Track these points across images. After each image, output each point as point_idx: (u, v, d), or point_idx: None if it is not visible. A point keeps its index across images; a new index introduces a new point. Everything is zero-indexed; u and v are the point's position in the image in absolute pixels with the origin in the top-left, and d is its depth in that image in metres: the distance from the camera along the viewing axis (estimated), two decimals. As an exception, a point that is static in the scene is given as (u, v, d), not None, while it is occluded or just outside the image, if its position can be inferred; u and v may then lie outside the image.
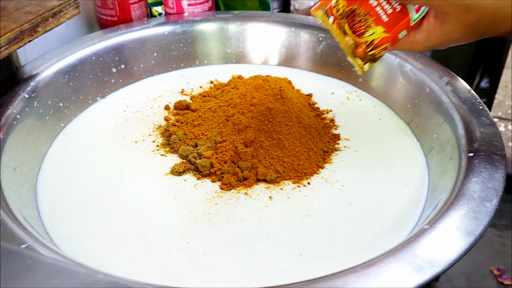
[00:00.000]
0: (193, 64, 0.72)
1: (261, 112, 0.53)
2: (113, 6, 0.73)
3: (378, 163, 0.53)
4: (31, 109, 0.54)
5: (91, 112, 0.62)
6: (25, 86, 0.55)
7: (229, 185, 0.50)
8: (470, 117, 0.50)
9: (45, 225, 0.45)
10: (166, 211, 0.47)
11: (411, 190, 0.50)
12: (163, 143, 0.56)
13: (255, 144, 0.52)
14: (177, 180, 0.51)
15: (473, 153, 0.45)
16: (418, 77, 0.59)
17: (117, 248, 0.43)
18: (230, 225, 0.45)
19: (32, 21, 0.50)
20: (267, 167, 0.51)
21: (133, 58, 0.68)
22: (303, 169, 0.52)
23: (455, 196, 0.40)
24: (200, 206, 0.47)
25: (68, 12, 0.55)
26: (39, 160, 0.53)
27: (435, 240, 0.36)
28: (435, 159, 0.52)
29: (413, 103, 0.59)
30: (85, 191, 0.49)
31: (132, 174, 0.51)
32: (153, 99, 0.64)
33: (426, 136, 0.55)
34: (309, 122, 0.56)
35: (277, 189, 0.50)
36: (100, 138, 0.57)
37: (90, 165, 0.53)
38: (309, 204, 0.48)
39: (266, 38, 0.72)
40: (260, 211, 0.47)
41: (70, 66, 0.61)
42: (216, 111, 0.57)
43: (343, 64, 0.68)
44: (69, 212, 0.47)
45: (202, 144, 0.54)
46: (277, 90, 0.56)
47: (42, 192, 0.49)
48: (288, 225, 0.45)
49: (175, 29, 0.70)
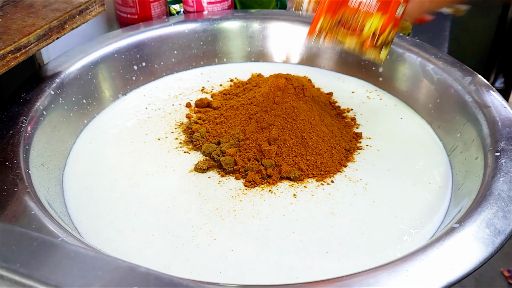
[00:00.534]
0: (213, 62, 0.72)
1: (284, 110, 0.53)
2: (133, 4, 0.73)
3: (401, 162, 0.53)
4: (57, 105, 0.54)
5: (114, 109, 0.62)
6: (51, 82, 0.55)
7: (253, 183, 0.50)
8: (495, 117, 0.50)
9: (73, 220, 0.46)
10: (192, 207, 0.47)
11: (435, 189, 0.50)
12: (185, 141, 0.56)
13: (278, 142, 0.52)
14: (201, 177, 0.51)
15: (499, 153, 0.45)
16: (441, 77, 0.59)
17: (144, 243, 0.43)
18: (255, 222, 0.46)
19: (60, 18, 0.50)
20: (290, 165, 0.51)
21: (154, 56, 0.68)
22: (326, 167, 0.52)
23: (483, 195, 0.40)
24: (225, 203, 0.48)
25: (94, 10, 0.55)
26: (65, 156, 0.53)
27: (465, 239, 0.36)
28: (459, 159, 0.52)
29: (435, 102, 0.59)
30: (110, 187, 0.50)
31: (156, 171, 0.52)
32: (174, 97, 0.65)
33: (448, 136, 0.56)
34: (331, 120, 0.56)
35: (301, 187, 0.50)
36: (123, 135, 0.57)
37: (115, 162, 0.53)
38: (333, 202, 0.48)
39: (287, 37, 0.72)
40: (285, 209, 0.47)
41: (93, 63, 0.61)
42: (239, 109, 0.57)
43: (363, 64, 0.68)
44: (96, 208, 0.47)
45: (225, 141, 0.54)
46: (300, 89, 0.56)
47: (68, 188, 0.50)
48: (313, 222, 0.46)
49: (195, 27, 0.71)
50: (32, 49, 0.47)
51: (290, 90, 0.55)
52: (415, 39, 0.66)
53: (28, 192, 0.40)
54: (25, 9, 0.51)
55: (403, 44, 0.65)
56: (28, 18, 0.49)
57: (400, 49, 0.64)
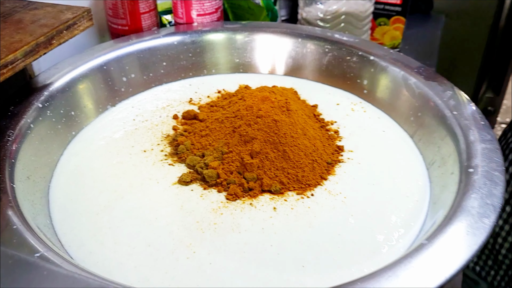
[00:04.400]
0: (201, 74, 0.74)
1: (267, 124, 0.54)
2: (124, 15, 0.74)
3: (381, 175, 0.54)
4: (45, 118, 0.56)
5: (102, 121, 0.63)
6: (39, 95, 0.56)
7: (234, 196, 0.51)
8: (472, 132, 0.51)
9: (57, 232, 0.47)
10: (173, 220, 0.48)
11: (412, 203, 0.51)
12: (171, 153, 0.58)
13: (260, 156, 0.53)
14: (184, 190, 0.52)
15: (473, 169, 0.46)
16: (422, 91, 0.60)
17: (125, 256, 0.44)
18: (235, 236, 0.47)
19: (48, 34, 0.51)
20: (272, 178, 0.52)
21: (143, 67, 0.69)
22: (307, 180, 0.53)
23: (454, 212, 0.41)
24: (206, 216, 0.49)
25: (82, 25, 0.56)
26: (51, 168, 0.55)
27: (432, 255, 0.37)
28: (437, 173, 0.53)
29: (416, 116, 0.60)
30: (95, 199, 0.51)
31: (140, 183, 0.53)
32: (161, 108, 0.66)
33: (428, 149, 0.57)
34: (313, 133, 0.58)
35: (281, 200, 0.51)
36: (110, 146, 0.59)
37: (100, 174, 0.54)
38: (312, 215, 0.49)
39: (273, 48, 0.73)
40: (264, 222, 0.48)
41: (82, 75, 0.62)
42: (223, 122, 0.58)
43: (348, 76, 0.69)
44: (80, 220, 0.48)
45: (209, 154, 0.55)
46: (283, 102, 0.57)
47: (54, 200, 0.51)
48: (292, 236, 0.47)
49: (184, 39, 0.72)
50: (19, 65, 0.48)
51: (274, 103, 0.57)
52: (399, 53, 0.67)
53: (11, 207, 0.42)
54: (14, 24, 0.53)
55: (387, 57, 0.66)
56: (16, 34, 0.51)
57: (384, 62, 0.65)
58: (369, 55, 0.67)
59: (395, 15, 0.95)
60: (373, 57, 0.67)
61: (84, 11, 0.56)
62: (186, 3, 0.74)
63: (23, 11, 0.55)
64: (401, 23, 0.96)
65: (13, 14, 0.55)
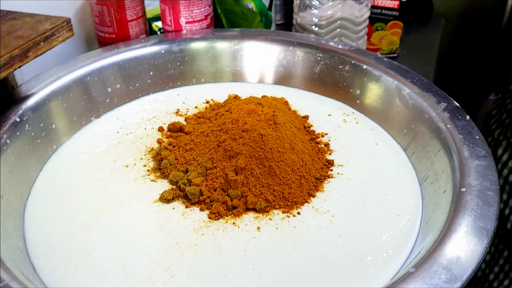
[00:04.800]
0: (190, 83, 0.72)
1: (252, 138, 0.52)
2: (110, 23, 0.73)
3: (371, 192, 0.52)
4: (22, 133, 0.54)
5: (85, 133, 0.62)
6: (17, 109, 0.54)
7: (217, 215, 0.49)
8: (466, 148, 0.48)
9: (30, 255, 0.45)
10: (152, 241, 0.46)
11: (403, 221, 0.48)
12: (154, 168, 0.56)
13: (245, 172, 0.51)
14: (166, 208, 0.50)
15: (465, 188, 0.44)
16: (416, 102, 0.57)
17: (100, 281, 0.42)
18: (216, 258, 0.45)
19: (23, 46, 0.49)
20: (257, 196, 0.50)
21: (129, 77, 0.67)
22: (293, 197, 0.51)
23: (443, 237, 0.39)
24: (186, 236, 0.47)
25: (61, 35, 0.54)
26: (29, 185, 0.53)
27: (418, 286, 0.35)
28: (429, 190, 0.50)
29: (410, 128, 0.58)
30: (72, 219, 0.49)
31: (120, 201, 0.51)
32: (147, 120, 0.64)
33: (421, 164, 0.54)
34: (302, 148, 0.55)
35: (266, 219, 0.49)
36: (91, 161, 0.57)
37: (80, 191, 0.52)
38: (298, 236, 0.47)
39: (264, 56, 0.71)
40: (247, 243, 0.46)
41: (64, 87, 0.60)
42: (209, 135, 0.56)
43: (341, 85, 0.67)
44: (55, 242, 0.46)
45: (193, 170, 0.53)
46: (270, 115, 0.55)
47: (29, 220, 0.49)
48: (275, 259, 0.45)
49: (171, 48, 0.70)
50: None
51: (260, 117, 0.54)
52: (393, 61, 0.64)
53: (-23, 231, 0.40)
54: (-12, 37, 0.51)
55: (381, 66, 0.63)
56: (-10, 47, 0.49)
57: (377, 71, 0.63)
58: (362, 64, 0.65)
59: (393, 19, 0.92)
60: (366, 66, 0.64)
61: (63, 21, 0.54)
62: (175, 10, 0.72)
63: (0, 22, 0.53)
64: (399, 28, 0.93)
65: (-11, 25, 0.53)
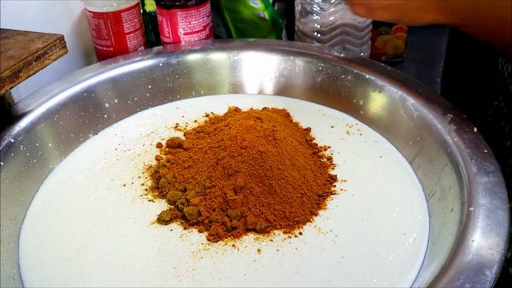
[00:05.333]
0: (189, 95, 0.70)
1: (251, 155, 0.51)
2: (108, 36, 0.71)
3: (376, 209, 0.50)
4: (17, 154, 0.53)
5: (82, 151, 0.60)
6: (11, 129, 0.53)
7: (216, 236, 0.47)
8: (474, 163, 0.46)
9: (24, 282, 0.44)
10: (149, 266, 0.45)
11: (410, 241, 0.46)
12: (151, 187, 0.54)
13: (245, 191, 0.49)
14: (163, 230, 0.49)
15: (474, 208, 0.42)
16: (421, 113, 0.55)
17: (95, 310, 0.41)
18: (214, 283, 0.43)
19: (14, 67, 0.48)
20: (257, 216, 0.49)
21: (127, 92, 0.66)
22: (295, 217, 0.49)
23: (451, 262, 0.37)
24: (184, 260, 0.45)
25: (54, 53, 0.53)
26: (24, 208, 0.52)
27: (426, 317, 0.33)
28: (436, 207, 0.48)
29: (415, 140, 0.56)
30: (67, 243, 0.48)
31: (117, 223, 0.50)
32: (145, 135, 0.63)
33: (428, 179, 0.52)
34: (304, 163, 0.54)
35: (267, 240, 0.47)
36: (88, 181, 0.55)
37: (76, 212, 0.51)
38: (300, 258, 0.45)
39: (264, 67, 0.69)
40: (247, 267, 0.44)
41: (60, 104, 0.59)
42: (207, 152, 0.54)
43: (344, 95, 0.65)
44: (50, 267, 0.45)
45: (191, 189, 0.51)
46: (270, 131, 0.53)
47: (24, 244, 0.48)
48: (276, 283, 0.43)
49: (169, 60, 0.69)
50: (-18, 103, 0.45)
51: (259, 133, 0.53)
52: (397, 70, 0.62)
53: (-33, 262, 0.39)
54: (-20, 57, 0.50)
55: (384, 76, 0.61)
56: (-20, 68, 0.48)
57: (381, 81, 0.61)
58: (365, 74, 0.63)
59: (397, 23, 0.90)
60: (368, 75, 0.62)
61: (56, 39, 0.53)
62: (172, 21, 0.70)
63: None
64: (403, 31, 0.91)
65: (-19, 45, 0.52)
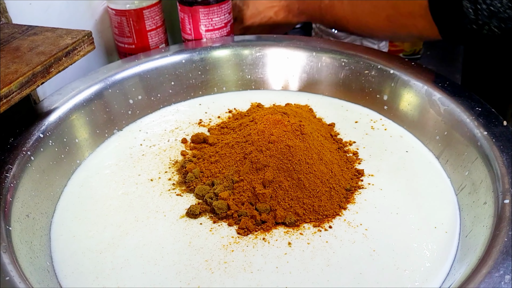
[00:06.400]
0: (212, 92, 0.70)
1: (280, 150, 0.51)
2: (130, 34, 0.72)
3: (405, 202, 0.50)
4: (46, 148, 0.53)
5: (108, 147, 0.61)
6: (40, 125, 0.54)
7: (246, 230, 0.47)
8: (506, 156, 0.46)
9: (58, 275, 0.44)
10: (181, 259, 0.45)
11: (441, 235, 0.46)
12: (179, 181, 0.54)
13: (273, 185, 0.50)
14: (193, 224, 0.49)
15: (509, 200, 0.41)
16: (448, 107, 0.55)
17: (129, 302, 0.41)
18: (247, 276, 0.43)
19: (45, 62, 0.49)
20: (286, 209, 0.49)
21: (150, 88, 0.66)
22: (324, 210, 0.49)
23: (489, 254, 0.37)
24: (215, 253, 0.45)
25: (82, 49, 0.54)
26: (54, 202, 0.52)
27: (467, 308, 0.33)
28: (467, 200, 0.48)
29: (442, 135, 0.55)
30: (99, 236, 0.48)
31: (147, 217, 0.50)
32: (170, 131, 0.63)
33: (457, 173, 0.52)
34: (330, 158, 0.54)
35: (297, 233, 0.47)
36: (115, 175, 0.56)
37: (105, 207, 0.51)
38: (331, 251, 0.45)
39: (286, 63, 0.70)
40: (278, 260, 0.44)
41: (86, 100, 0.60)
42: (234, 147, 0.54)
43: (367, 91, 0.65)
44: (82, 260, 0.45)
45: (219, 183, 0.52)
46: (297, 126, 0.53)
47: (55, 237, 0.48)
48: (308, 276, 0.43)
49: (192, 57, 0.69)
50: (15, 97, 0.46)
51: (287, 127, 0.53)
52: (421, 65, 0.62)
53: (4, 253, 0.39)
54: (10, 53, 0.50)
55: (409, 70, 0.61)
56: (12, 64, 0.48)
57: (406, 76, 0.61)
58: (389, 68, 0.63)
59: (416, 20, 0.90)
60: (393, 70, 0.62)
61: (84, 35, 0.53)
62: (194, 18, 0.71)
63: (21, 38, 0.53)
64: (422, 28, 0.91)
65: (11, 41, 0.52)
